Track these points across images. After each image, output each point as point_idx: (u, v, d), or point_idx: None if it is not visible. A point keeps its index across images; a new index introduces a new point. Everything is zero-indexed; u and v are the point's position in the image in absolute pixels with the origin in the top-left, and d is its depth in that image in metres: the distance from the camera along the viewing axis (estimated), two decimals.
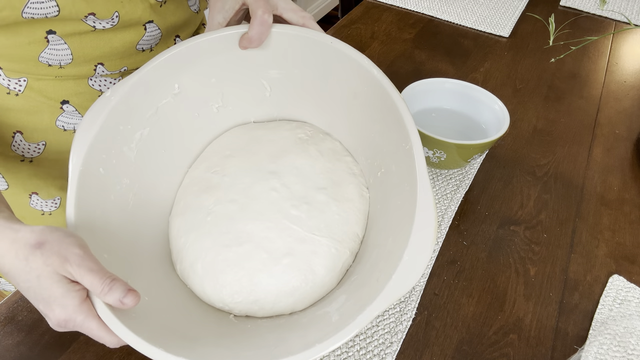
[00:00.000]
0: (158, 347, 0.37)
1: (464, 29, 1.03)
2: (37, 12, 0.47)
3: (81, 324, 0.37)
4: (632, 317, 0.53)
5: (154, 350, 0.37)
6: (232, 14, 0.53)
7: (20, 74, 0.54)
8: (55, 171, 0.61)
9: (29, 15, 0.47)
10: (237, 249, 0.48)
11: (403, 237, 0.41)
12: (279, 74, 0.56)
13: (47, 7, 0.47)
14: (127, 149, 0.49)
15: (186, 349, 0.38)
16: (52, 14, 0.48)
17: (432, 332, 0.52)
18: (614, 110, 0.83)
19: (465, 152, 0.62)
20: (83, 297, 0.37)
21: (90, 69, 0.57)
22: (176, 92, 0.53)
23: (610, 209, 0.66)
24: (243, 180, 0.53)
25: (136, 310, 0.40)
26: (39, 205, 0.63)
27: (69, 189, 0.43)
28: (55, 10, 0.48)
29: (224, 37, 0.52)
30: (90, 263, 0.37)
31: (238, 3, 0.53)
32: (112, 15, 0.52)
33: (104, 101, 0.47)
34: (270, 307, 0.47)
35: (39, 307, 0.38)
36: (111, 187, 0.47)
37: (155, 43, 0.60)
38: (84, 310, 0.37)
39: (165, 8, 0.58)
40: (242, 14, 0.56)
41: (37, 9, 0.47)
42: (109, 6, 0.51)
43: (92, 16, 0.51)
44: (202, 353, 0.38)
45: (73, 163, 0.43)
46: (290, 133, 0.57)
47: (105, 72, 0.58)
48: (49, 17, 0.48)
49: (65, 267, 0.36)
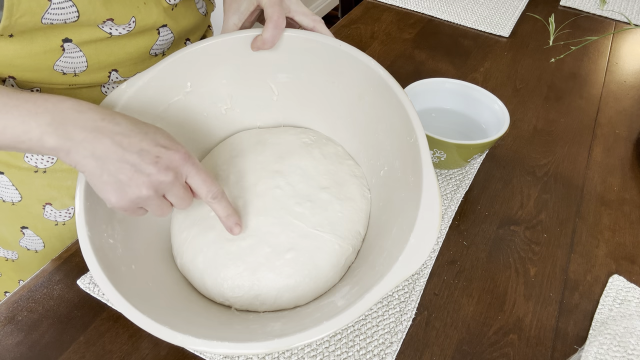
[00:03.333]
0: (164, 325, 0.37)
1: (464, 29, 1.03)
2: (56, 17, 0.47)
3: (193, 166, 0.42)
4: (632, 317, 0.53)
5: (160, 328, 0.37)
6: (247, 16, 0.55)
7: (34, 84, 0.53)
8: (68, 181, 0.61)
9: (48, 21, 0.46)
10: (240, 243, 0.48)
11: (408, 222, 0.41)
12: (287, 78, 0.58)
13: (68, 12, 0.47)
14: None
15: (191, 329, 0.38)
16: (72, 19, 0.48)
17: (432, 332, 0.52)
18: (614, 110, 0.83)
19: (465, 152, 0.62)
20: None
21: (105, 76, 0.56)
22: (188, 90, 0.54)
23: (610, 209, 0.66)
24: (248, 178, 0.53)
25: (142, 294, 0.41)
26: (53, 215, 0.63)
27: (78, 177, 0.44)
28: (75, 16, 0.48)
29: (238, 39, 0.53)
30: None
31: (253, 5, 0.54)
32: (130, 20, 0.52)
33: (119, 92, 0.48)
34: (272, 302, 0.47)
35: (142, 144, 0.40)
36: None
37: (168, 47, 0.61)
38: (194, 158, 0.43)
39: (177, 11, 0.58)
40: (256, 16, 0.57)
41: (58, 14, 0.46)
42: (126, 11, 0.51)
43: (110, 22, 0.50)
44: (204, 334, 0.38)
45: None
46: (295, 137, 0.58)
47: (119, 79, 0.58)
48: (67, 22, 0.48)
49: (188, 155, 0.42)
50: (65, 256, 0.57)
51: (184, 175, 0.42)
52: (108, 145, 0.39)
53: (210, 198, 0.44)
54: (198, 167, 0.43)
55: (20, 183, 0.60)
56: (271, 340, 0.36)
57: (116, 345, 0.49)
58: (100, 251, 0.41)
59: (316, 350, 0.49)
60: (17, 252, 0.67)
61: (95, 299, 0.53)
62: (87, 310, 0.52)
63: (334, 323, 0.37)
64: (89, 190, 0.43)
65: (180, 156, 0.41)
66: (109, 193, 0.40)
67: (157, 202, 0.42)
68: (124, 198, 0.40)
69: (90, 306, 0.52)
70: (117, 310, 0.39)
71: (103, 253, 0.41)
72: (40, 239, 0.65)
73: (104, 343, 0.49)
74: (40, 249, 0.66)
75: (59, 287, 0.54)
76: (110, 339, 0.50)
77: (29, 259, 0.67)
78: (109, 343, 0.49)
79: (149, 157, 0.40)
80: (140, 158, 0.40)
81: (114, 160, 0.39)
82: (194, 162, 0.43)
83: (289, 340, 0.36)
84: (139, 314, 0.38)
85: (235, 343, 0.37)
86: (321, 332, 0.37)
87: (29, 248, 0.66)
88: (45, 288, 0.54)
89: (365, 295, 0.38)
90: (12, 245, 0.66)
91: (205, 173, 0.43)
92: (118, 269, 0.42)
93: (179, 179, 0.42)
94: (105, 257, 0.41)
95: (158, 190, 0.41)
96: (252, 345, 0.37)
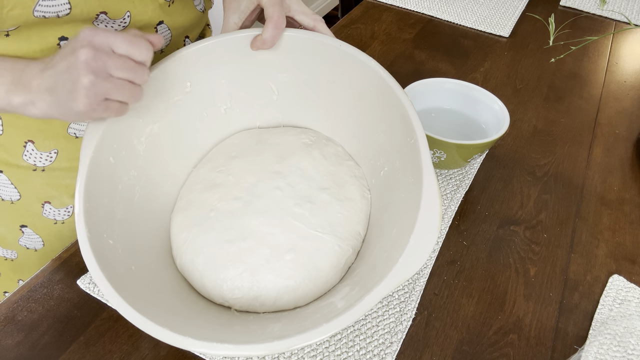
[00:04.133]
0: (163, 327, 0.37)
1: (464, 29, 1.03)
2: (48, 10, 0.47)
3: (111, 35, 0.42)
4: (632, 317, 0.53)
5: (159, 329, 0.37)
6: (247, 15, 0.55)
7: None
8: (67, 179, 0.61)
9: (40, 14, 0.47)
10: (240, 244, 0.48)
11: (408, 224, 0.41)
12: (287, 78, 0.57)
13: (59, 3, 0.47)
14: (137, 142, 0.50)
15: (191, 330, 0.38)
16: (64, 12, 0.48)
17: (432, 332, 0.52)
18: (614, 110, 0.83)
19: (465, 152, 0.62)
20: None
21: None
22: (188, 90, 0.54)
23: (610, 209, 0.66)
24: (248, 179, 0.53)
25: (141, 295, 0.41)
26: (52, 214, 0.63)
27: (79, 173, 0.44)
28: (66, 8, 0.48)
29: (238, 38, 0.54)
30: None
31: (253, 4, 0.54)
32: (124, 15, 0.52)
33: None
34: (271, 303, 0.47)
35: (63, 52, 0.41)
36: (119, 177, 0.48)
37: (166, 44, 0.60)
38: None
39: (174, 8, 0.58)
40: (257, 15, 0.57)
41: (49, 6, 0.46)
42: (120, 5, 0.51)
43: (103, 15, 0.50)
44: (204, 336, 0.38)
45: (85, 149, 0.45)
46: (295, 138, 0.58)
47: None
48: (60, 15, 0.48)
49: (92, 29, 0.42)
50: (65, 256, 0.57)
51: (104, 46, 0.42)
52: (50, 75, 0.42)
53: (144, 55, 0.43)
54: (109, 32, 0.42)
55: (19, 181, 0.60)
56: (271, 342, 0.36)
57: (116, 345, 0.49)
58: (99, 252, 0.41)
59: (316, 350, 0.49)
60: (17, 251, 0.67)
61: (95, 299, 0.53)
62: (87, 310, 0.52)
63: (333, 325, 0.37)
64: (89, 191, 0.43)
65: (84, 34, 0.42)
66: (71, 104, 0.42)
67: (110, 85, 0.42)
68: (80, 96, 0.41)
69: (90, 306, 0.52)
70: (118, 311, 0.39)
71: (102, 254, 0.41)
72: (40, 238, 0.65)
73: (104, 343, 0.49)
74: (40, 247, 0.66)
75: (59, 287, 0.54)
76: (110, 339, 0.50)
77: (28, 258, 0.67)
78: (109, 343, 0.49)
79: (71, 57, 0.41)
80: (66, 61, 0.42)
81: (57, 81, 0.42)
82: (99, 30, 0.42)
83: (289, 341, 0.36)
84: (139, 316, 0.38)
85: (235, 345, 0.37)
86: (321, 334, 0.37)
87: (29, 247, 0.66)
88: (45, 288, 0.54)
89: (365, 297, 0.38)
90: (12, 245, 0.66)
91: (121, 34, 0.43)
92: (117, 270, 0.42)
93: (103, 51, 0.41)
94: (105, 258, 0.41)
95: (97, 72, 0.41)
96: (252, 347, 0.37)
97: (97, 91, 0.42)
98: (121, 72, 0.42)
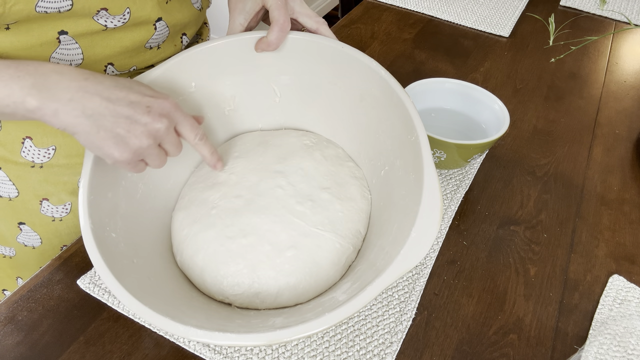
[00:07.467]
0: (165, 317, 0.37)
1: (464, 29, 1.03)
2: (50, 6, 0.47)
3: (181, 112, 0.45)
4: (632, 317, 0.53)
5: (161, 319, 0.37)
6: (252, 15, 0.56)
7: None
8: (65, 176, 0.61)
9: (42, 9, 0.47)
10: (241, 240, 0.49)
11: (410, 218, 0.42)
12: (290, 80, 0.58)
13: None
14: None
15: (193, 322, 0.38)
16: (65, 7, 0.48)
17: (432, 332, 0.52)
18: (614, 110, 0.83)
19: (465, 152, 0.62)
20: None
21: (100, 69, 0.57)
22: (192, 90, 0.55)
23: (610, 209, 0.66)
24: (249, 178, 0.54)
25: (142, 287, 0.41)
26: (50, 211, 0.63)
27: (84, 166, 0.44)
28: (68, 4, 0.48)
29: (243, 40, 0.54)
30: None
31: (258, 5, 0.55)
32: (124, 11, 0.52)
33: None
34: (272, 300, 0.47)
35: (130, 96, 0.41)
36: (123, 173, 0.49)
37: (163, 41, 0.61)
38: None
39: (171, 5, 0.58)
40: (261, 16, 0.57)
41: (51, 2, 0.46)
42: (120, 1, 0.52)
43: (104, 11, 0.51)
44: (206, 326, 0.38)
45: None
46: (297, 140, 0.59)
47: (115, 72, 0.58)
48: (61, 11, 0.48)
49: (175, 102, 0.44)
50: (65, 256, 0.57)
51: (174, 122, 0.44)
52: (98, 102, 0.40)
53: (197, 140, 0.47)
54: (185, 113, 0.46)
55: (17, 178, 0.60)
56: (273, 332, 0.36)
57: (116, 345, 0.49)
58: (102, 244, 0.41)
59: (316, 350, 0.49)
60: (15, 249, 0.67)
61: (95, 299, 0.53)
62: (87, 310, 0.52)
63: (336, 315, 0.36)
64: (93, 184, 0.44)
65: (169, 104, 0.43)
66: (111, 148, 0.41)
67: (156, 152, 0.44)
68: (127, 150, 0.41)
69: (90, 306, 0.52)
70: (119, 301, 0.39)
71: (105, 246, 0.42)
72: (38, 235, 0.65)
73: (104, 343, 0.49)
74: (38, 245, 0.66)
75: (59, 287, 0.54)
76: (110, 339, 0.50)
77: (27, 255, 0.67)
78: (109, 343, 0.49)
79: (140, 108, 0.41)
80: (133, 110, 0.41)
81: (108, 116, 0.40)
82: (181, 108, 0.45)
83: (291, 331, 0.36)
84: (141, 305, 0.38)
85: (237, 334, 0.36)
86: (323, 324, 0.36)
87: (27, 244, 0.66)
88: (45, 288, 0.54)
89: (367, 287, 0.38)
90: (10, 242, 0.66)
91: (191, 118, 0.46)
92: (120, 263, 0.42)
93: (172, 126, 0.44)
94: (107, 250, 0.42)
95: (156, 138, 0.42)
96: (254, 337, 0.36)
97: (142, 153, 0.43)
98: (169, 146, 0.45)
